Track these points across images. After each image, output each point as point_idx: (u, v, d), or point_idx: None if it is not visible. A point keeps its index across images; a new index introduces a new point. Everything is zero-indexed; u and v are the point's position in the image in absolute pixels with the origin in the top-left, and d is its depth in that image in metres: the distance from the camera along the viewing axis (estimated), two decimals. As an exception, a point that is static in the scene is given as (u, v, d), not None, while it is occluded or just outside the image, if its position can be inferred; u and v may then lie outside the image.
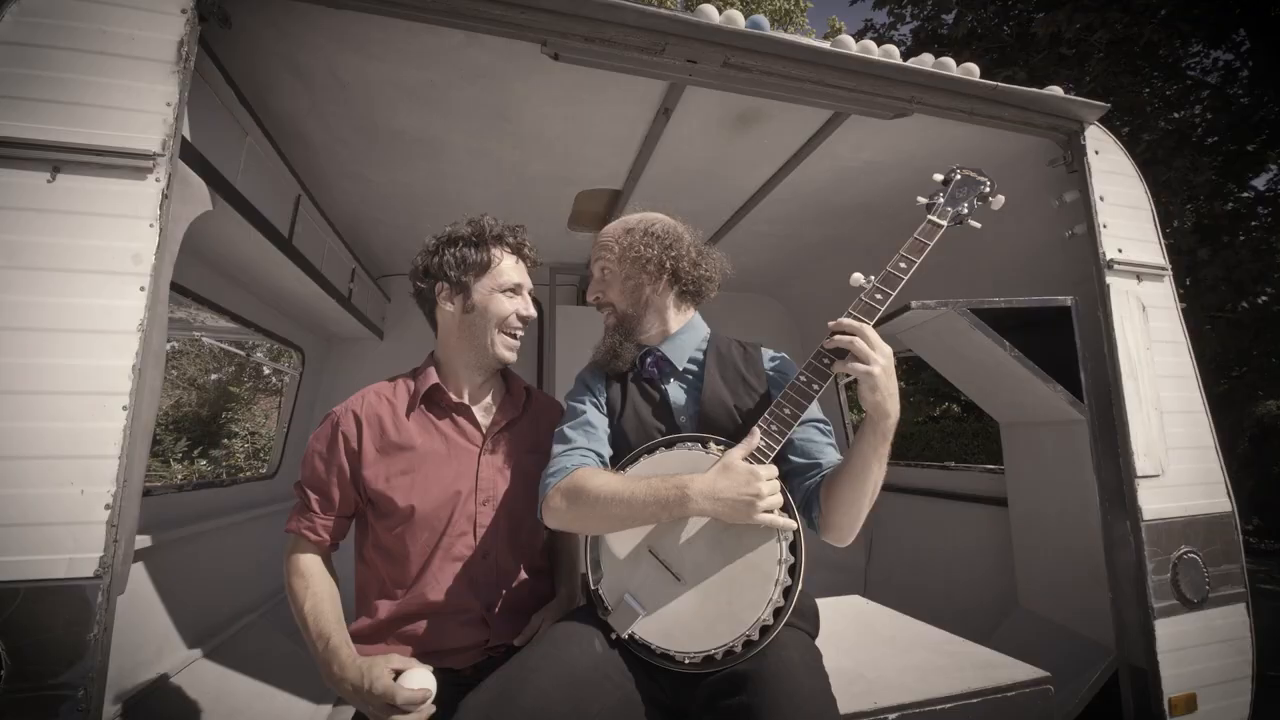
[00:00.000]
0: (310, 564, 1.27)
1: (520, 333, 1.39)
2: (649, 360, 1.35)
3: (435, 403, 1.37)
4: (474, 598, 1.26)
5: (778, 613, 1.07)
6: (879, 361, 1.07)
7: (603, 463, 1.24)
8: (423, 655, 1.21)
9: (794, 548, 1.10)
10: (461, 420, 1.37)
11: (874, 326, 1.11)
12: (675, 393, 1.32)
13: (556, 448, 1.25)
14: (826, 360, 1.14)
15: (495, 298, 1.35)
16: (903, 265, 1.18)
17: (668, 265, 1.33)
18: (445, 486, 1.29)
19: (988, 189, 1.28)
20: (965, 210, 1.26)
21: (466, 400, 1.39)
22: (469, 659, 1.24)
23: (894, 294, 1.17)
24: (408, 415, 1.34)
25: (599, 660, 1.07)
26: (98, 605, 1.10)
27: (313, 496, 1.30)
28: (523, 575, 1.34)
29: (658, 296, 1.35)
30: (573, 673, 1.02)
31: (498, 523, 1.31)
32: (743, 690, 1.01)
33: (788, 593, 1.08)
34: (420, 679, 1.10)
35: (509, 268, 1.37)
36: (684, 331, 1.38)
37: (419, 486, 1.27)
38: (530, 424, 1.43)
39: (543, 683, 0.99)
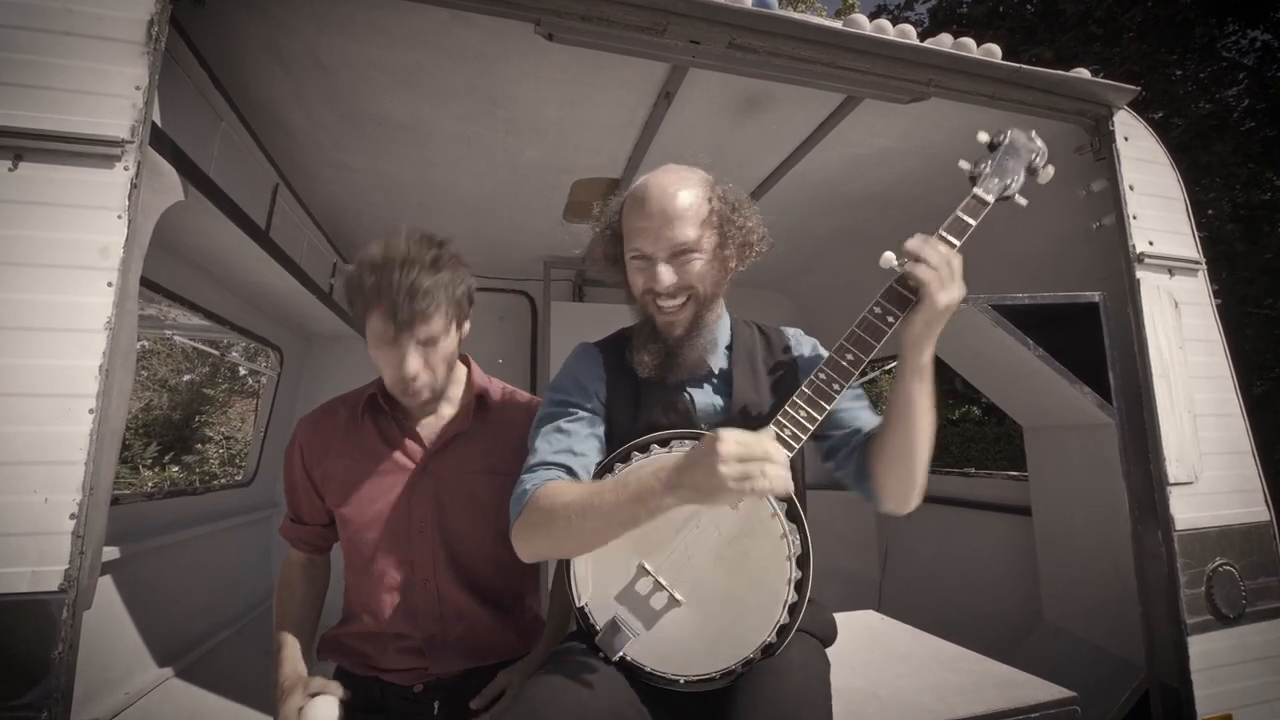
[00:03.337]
0: (290, 570, 1.38)
1: (410, 391, 1.21)
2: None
3: (379, 410, 1.32)
4: (412, 626, 1.24)
5: (782, 630, 1.05)
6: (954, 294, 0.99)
7: (572, 475, 1.10)
8: (368, 668, 1.27)
9: (802, 562, 1.05)
10: (401, 434, 1.30)
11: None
12: (701, 398, 1.19)
13: (526, 462, 1.14)
14: (903, 292, 1.02)
15: (374, 352, 1.21)
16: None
17: (755, 239, 1.17)
18: (376, 508, 1.26)
19: (1038, 158, 1.12)
20: (1011, 184, 1.10)
21: (408, 409, 1.31)
22: (416, 677, 1.26)
23: None
24: (354, 423, 1.31)
25: (612, 696, 1.01)
26: (62, 621, 1.09)
27: (288, 501, 1.37)
28: (475, 608, 1.28)
29: (725, 281, 1.19)
30: (585, 715, 0.96)
31: (436, 552, 1.26)
32: (735, 687, 1.03)
33: (793, 610, 1.05)
34: (320, 715, 1.13)
35: (374, 323, 1.18)
36: (721, 324, 1.24)
37: (353, 503, 1.27)
38: (486, 439, 1.31)
39: None
